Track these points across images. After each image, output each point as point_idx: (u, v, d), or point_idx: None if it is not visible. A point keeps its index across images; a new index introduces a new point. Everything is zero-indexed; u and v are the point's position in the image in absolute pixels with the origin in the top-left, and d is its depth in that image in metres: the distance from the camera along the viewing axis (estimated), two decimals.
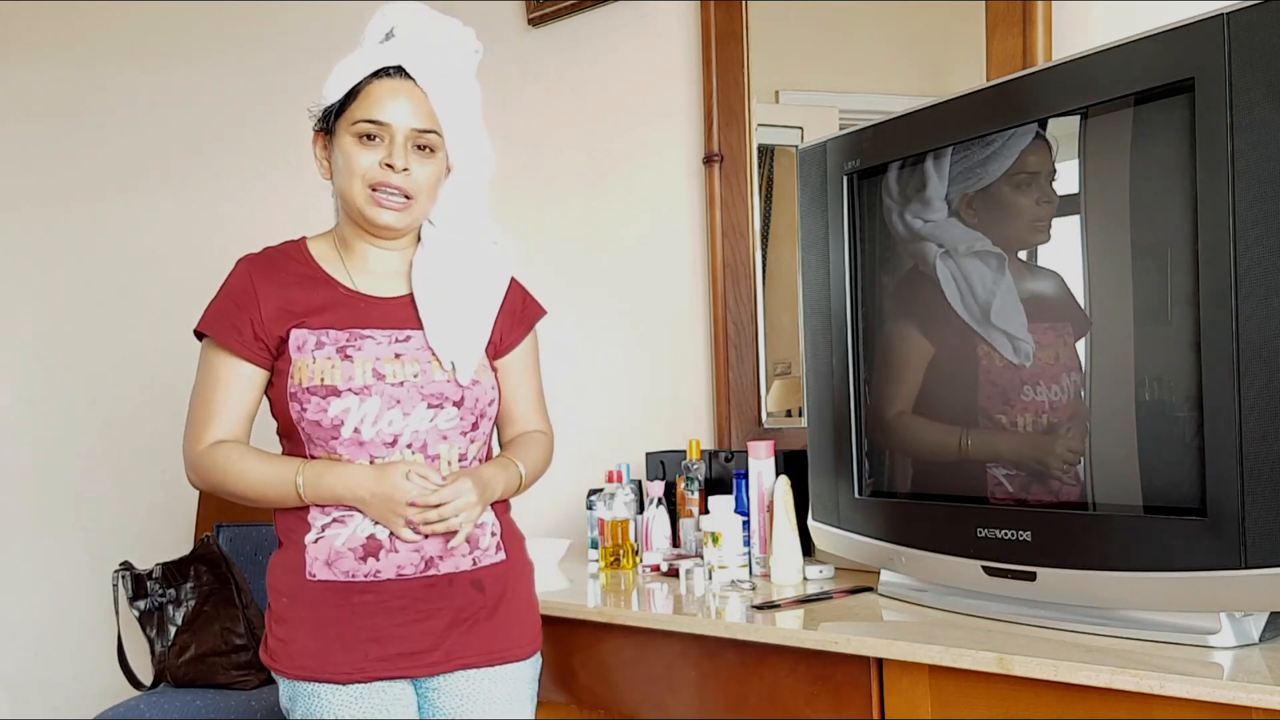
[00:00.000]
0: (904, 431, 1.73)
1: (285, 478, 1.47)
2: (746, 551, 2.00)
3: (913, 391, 1.71)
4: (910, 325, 1.71)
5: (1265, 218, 1.25)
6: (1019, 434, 1.54)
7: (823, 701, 1.60)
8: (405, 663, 1.49)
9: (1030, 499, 1.53)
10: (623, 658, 1.86)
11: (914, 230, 1.67)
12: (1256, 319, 1.26)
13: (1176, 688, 1.22)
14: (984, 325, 1.57)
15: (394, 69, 1.51)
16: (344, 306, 1.52)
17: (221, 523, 2.70)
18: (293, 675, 1.49)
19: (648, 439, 2.48)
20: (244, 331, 1.50)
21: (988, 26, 1.94)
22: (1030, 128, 1.51)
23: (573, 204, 2.69)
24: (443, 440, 1.52)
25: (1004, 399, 1.55)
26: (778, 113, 2.35)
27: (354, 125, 1.49)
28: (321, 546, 1.49)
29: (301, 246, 1.58)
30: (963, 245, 1.60)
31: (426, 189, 1.53)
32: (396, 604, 1.48)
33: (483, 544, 1.55)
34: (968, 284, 1.59)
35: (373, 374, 1.48)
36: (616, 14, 2.58)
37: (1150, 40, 1.36)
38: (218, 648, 2.39)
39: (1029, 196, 1.53)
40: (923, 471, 1.72)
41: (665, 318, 2.52)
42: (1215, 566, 1.30)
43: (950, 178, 1.61)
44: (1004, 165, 1.54)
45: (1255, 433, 1.26)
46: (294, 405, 1.48)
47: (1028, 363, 1.52)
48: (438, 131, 1.52)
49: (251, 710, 2.30)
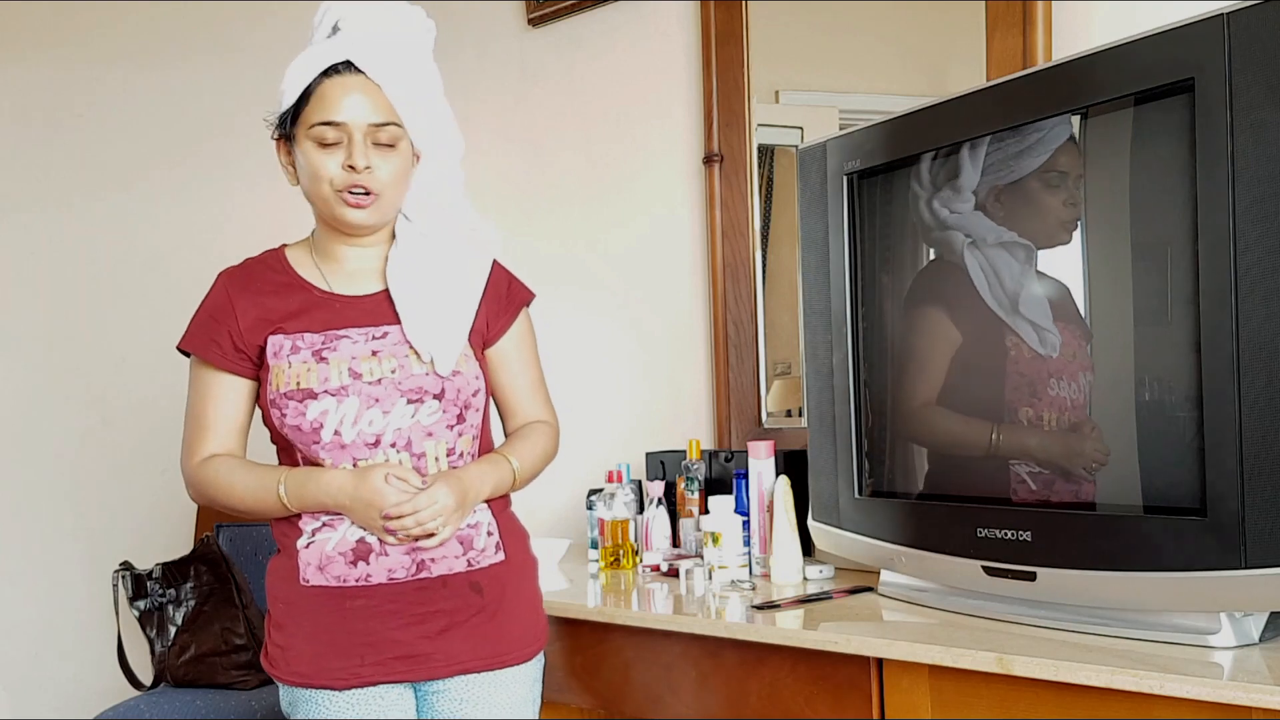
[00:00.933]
0: (929, 424, 1.69)
1: (269, 488, 1.47)
2: (746, 551, 2.00)
3: (937, 382, 1.67)
4: (939, 312, 1.68)
5: (1265, 218, 1.25)
6: (1046, 431, 1.51)
7: (823, 701, 1.60)
8: (402, 666, 1.47)
9: (1033, 499, 1.53)
10: (623, 658, 1.86)
11: (940, 219, 1.64)
12: (1256, 319, 1.26)
13: (1176, 688, 1.22)
14: (1012, 315, 1.54)
15: (343, 65, 1.47)
16: (319, 309, 1.51)
17: (221, 523, 2.70)
18: (292, 681, 1.49)
19: (648, 439, 2.48)
20: (223, 344, 1.50)
21: (988, 26, 1.94)
22: (1065, 124, 1.48)
23: (573, 204, 2.68)
24: (428, 437, 1.49)
25: (1031, 392, 1.52)
26: (778, 113, 2.35)
27: (310, 130, 1.46)
28: (313, 551, 1.48)
29: (279, 255, 1.58)
30: (991, 236, 1.57)
31: (393, 182, 1.50)
32: (389, 608, 1.47)
33: (478, 544, 1.52)
34: (995, 274, 1.56)
35: (349, 374, 1.46)
36: (616, 14, 2.58)
37: (1150, 40, 1.36)
38: (218, 648, 2.39)
39: (1057, 196, 1.51)
40: (944, 466, 1.69)
41: (665, 318, 2.52)
42: (1215, 566, 1.30)
43: (983, 169, 1.58)
44: (1037, 162, 1.52)
45: (1255, 433, 1.26)
46: (275, 412, 1.47)
47: (1054, 354, 1.49)
48: (396, 123, 1.49)
49: (251, 710, 2.30)
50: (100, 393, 3.07)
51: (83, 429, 3.07)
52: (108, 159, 3.08)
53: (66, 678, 3.04)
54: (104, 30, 3.09)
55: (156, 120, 3.08)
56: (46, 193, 3.08)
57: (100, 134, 3.09)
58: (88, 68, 3.08)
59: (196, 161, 3.08)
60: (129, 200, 3.08)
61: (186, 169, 3.08)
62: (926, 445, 1.72)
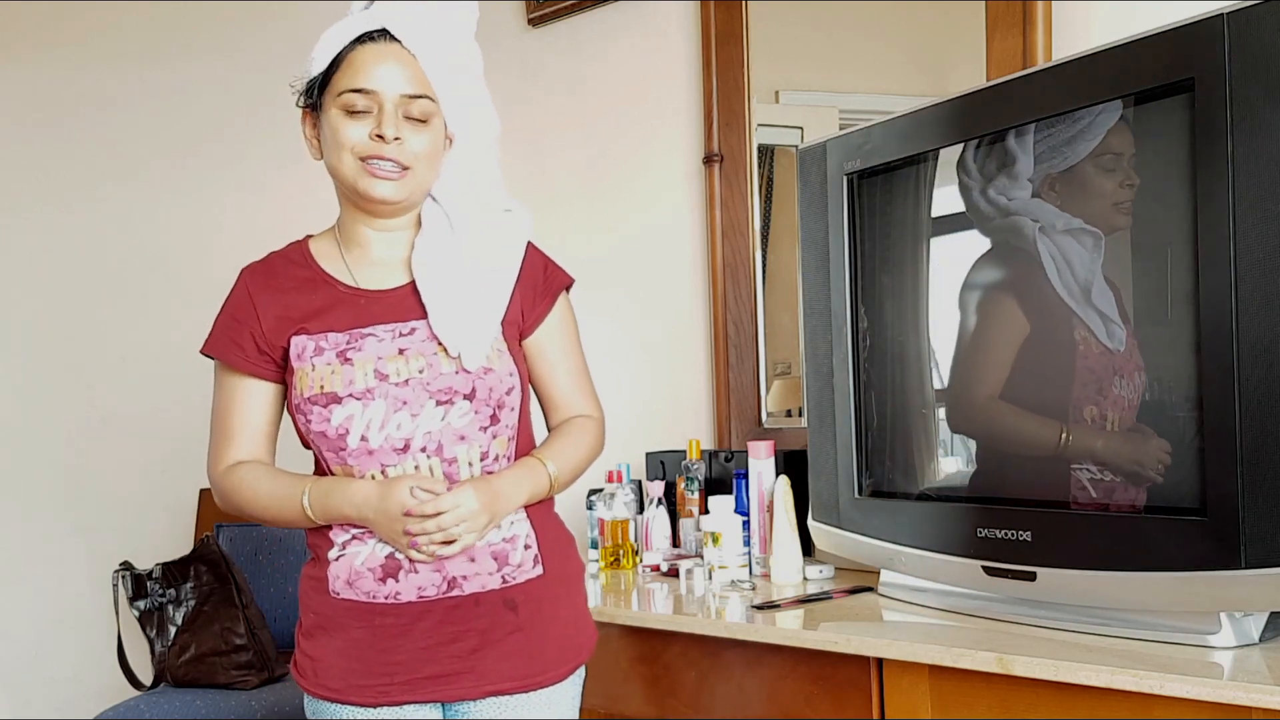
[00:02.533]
0: (993, 419, 1.61)
1: (293, 498, 1.40)
2: (746, 551, 2.00)
3: (1002, 374, 1.58)
4: (1009, 299, 1.59)
5: (1265, 218, 1.25)
6: (1111, 432, 1.44)
7: (823, 701, 1.60)
8: (432, 686, 1.39)
9: (1093, 505, 1.48)
10: (624, 658, 1.86)
11: (1002, 206, 1.56)
12: (1256, 319, 1.26)
13: (1176, 688, 1.22)
14: (1084, 306, 1.46)
15: (378, 33, 1.39)
16: (344, 306, 1.43)
17: (221, 523, 2.71)
18: (321, 695, 1.42)
19: (648, 439, 2.47)
20: (245, 346, 1.43)
21: (988, 26, 1.94)
22: (1115, 108, 1.43)
23: (573, 204, 2.68)
24: (459, 441, 1.39)
25: (1099, 389, 1.45)
26: (778, 113, 2.35)
27: (339, 97, 1.38)
28: (343, 564, 1.41)
29: (303, 247, 1.49)
30: (1060, 223, 1.49)
31: (424, 159, 1.41)
32: (419, 627, 1.39)
33: (514, 559, 1.42)
34: (1067, 262, 1.48)
35: (374, 375, 1.38)
36: (616, 14, 2.58)
37: (1150, 40, 1.36)
38: (218, 648, 2.39)
39: (1113, 179, 1.44)
40: (995, 464, 1.62)
41: (665, 318, 2.52)
42: (1215, 566, 1.30)
43: (1035, 157, 1.52)
44: (1090, 145, 1.46)
45: (1254, 433, 1.26)
46: (300, 418, 1.41)
47: (1121, 348, 1.43)
48: (430, 96, 1.40)
49: (251, 710, 2.30)
50: (100, 393, 3.07)
51: (83, 429, 3.07)
52: (108, 159, 3.08)
53: (66, 678, 3.04)
54: (104, 30, 3.09)
55: (156, 120, 3.08)
56: (46, 193, 3.09)
57: (100, 134, 3.09)
58: (88, 67, 3.09)
59: (196, 161, 3.08)
60: (129, 200, 3.08)
61: (186, 169, 3.08)
62: (985, 440, 1.65)
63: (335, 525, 1.41)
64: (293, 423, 1.46)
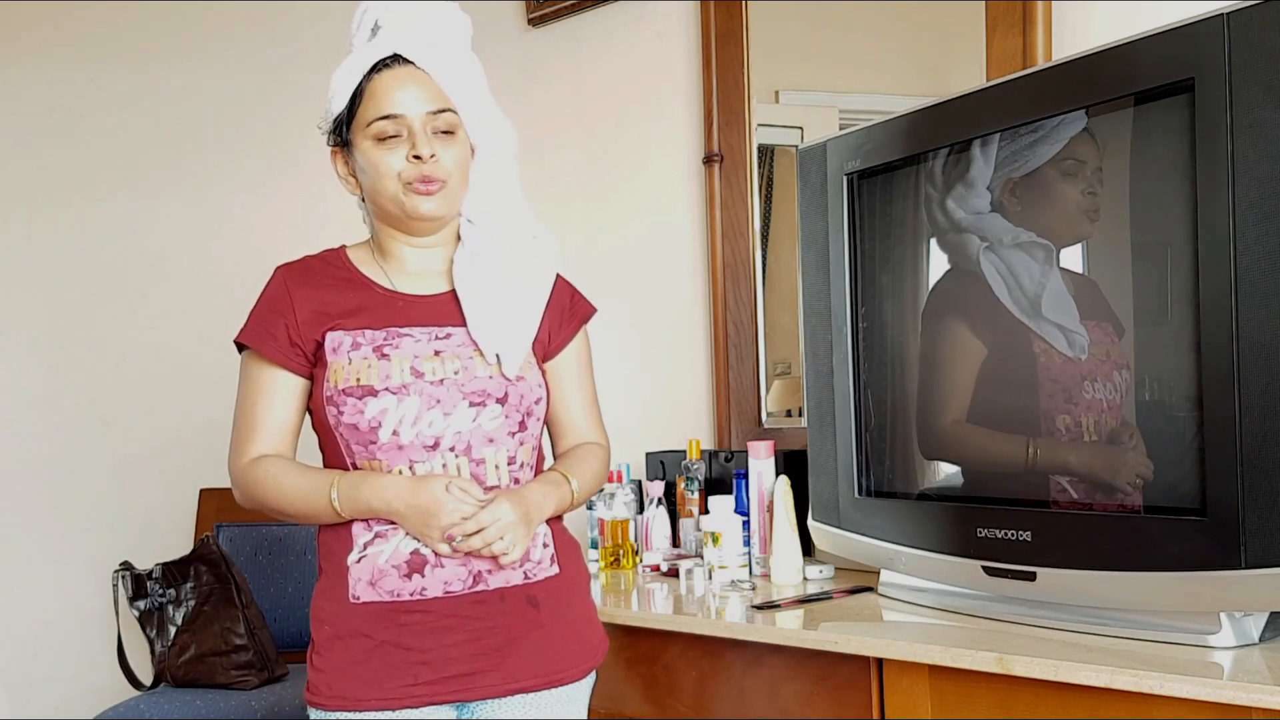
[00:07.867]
0: (961, 442, 1.64)
1: (321, 491, 1.40)
2: (746, 551, 2.00)
3: (965, 397, 1.62)
4: (959, 324, 1.63)
5: (1265, 218, 1.25)
6: (1085, 442, 1.46)
7: (823, 701, 1.60)
8: (457, 685, 1.40)
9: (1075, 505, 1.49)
10: (624, 658, 1.86)
11: (955, 220, 1.60)
12: (1256, 319, 1.26)
13: (1176, 688, 1.22)
14: (1036, 319, 1.49)
15: (391, 59, 1.44)
16: (381, 306, 1.46)
17: (221, 523, 2.71)
18: (335, 706, 1.40)
19: (648, 439, 2.47)
20: (279, 337, 1.44)
21: (988, 26, 1.94)
22: (1079, 117, 1.45)
23: (573, 204, 2.68)
24: (488, 443, 1.43)
25: (1067, 398, 1.47)
26: (778, 113, 2.35)
27: (369, 128, 1.43)
28: (364, 566, 1.41)
29: (340, 253, 1.53)
30: (1007, 237, 1.52)
31: (457, 170, 1.46)
32: (446, 623, 1.39)
33: (534, 556, 1.46)
34: (1014, 278, 1.50)
35: (411, 372, 1.41)
36: (616, 14, 2.58)
37: (1150, 40, 1.36)
38: (218, 648, 2.39)
39: (1076, 185, 1.46)
40: (980, 483, 1.63)
41: (665, 318, 2.52)
42: (1215, 566, 1.30)
43: (996, 163, 1.54)
44: (1052, 151, 1.48)
45: (1255, 433, 1.26)
46: (330, 409, 1.41)
47: (1083, 356, 1.45)
48: (452, 109, 1.46)
49: (251, 710, 2.30)
50: (100, 393, 3.07)
51: (83, 429, 3.07)
52: (108, 159, 3.08)
53: (66, 678, 3.04)
54: (104, 30, 3.09)
55: (157, 120, 3.08)
56: (46, 193, 3.09)
57: (100, 134, 3.09)
58: (88, 68, 3.09)
59: (197, 161, 3.08)
60: (129, 200, 3.07)
61: (187, 169, 3.08)
62: (959, 464, 1.68)
63: (357, 524, 1.42)
64: (314, 421, 1.48)
